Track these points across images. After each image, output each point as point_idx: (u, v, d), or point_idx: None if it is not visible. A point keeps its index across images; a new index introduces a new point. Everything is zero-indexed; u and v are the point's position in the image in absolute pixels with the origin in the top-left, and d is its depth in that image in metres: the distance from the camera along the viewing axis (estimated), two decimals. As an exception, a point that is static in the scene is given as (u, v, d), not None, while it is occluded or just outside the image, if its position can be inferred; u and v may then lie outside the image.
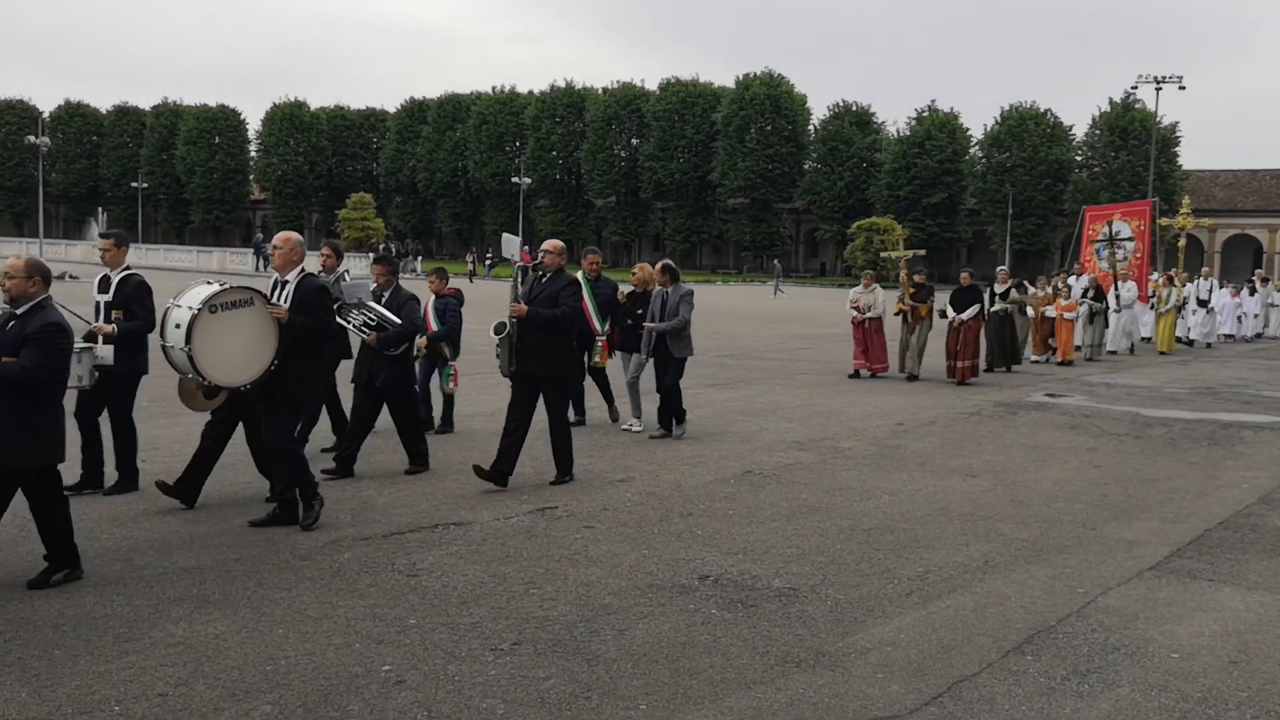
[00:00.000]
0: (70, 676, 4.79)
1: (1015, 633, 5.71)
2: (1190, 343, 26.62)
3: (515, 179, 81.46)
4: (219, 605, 5.78)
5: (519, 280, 8.99)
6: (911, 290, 17.26)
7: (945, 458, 10.66)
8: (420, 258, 70.00)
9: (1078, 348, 21.73)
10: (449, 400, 11.12)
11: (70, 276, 43.82)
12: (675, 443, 11.01)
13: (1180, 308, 26.27)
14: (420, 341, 10.31)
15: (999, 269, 20.91)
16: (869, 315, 17.15)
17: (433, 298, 10.87)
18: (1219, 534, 7.96)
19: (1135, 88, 67.20)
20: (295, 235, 7.69)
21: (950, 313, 17.11)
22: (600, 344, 11.71)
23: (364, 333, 8.97)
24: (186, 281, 8.01)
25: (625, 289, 12.09)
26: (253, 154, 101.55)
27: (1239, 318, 29.74)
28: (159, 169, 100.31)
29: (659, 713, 4.61)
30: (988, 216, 77.00)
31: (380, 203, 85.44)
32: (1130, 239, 26.16)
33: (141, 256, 67.46)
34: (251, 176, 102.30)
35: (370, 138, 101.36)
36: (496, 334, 8.85)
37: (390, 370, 9.04)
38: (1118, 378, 18.70)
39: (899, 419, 13.08)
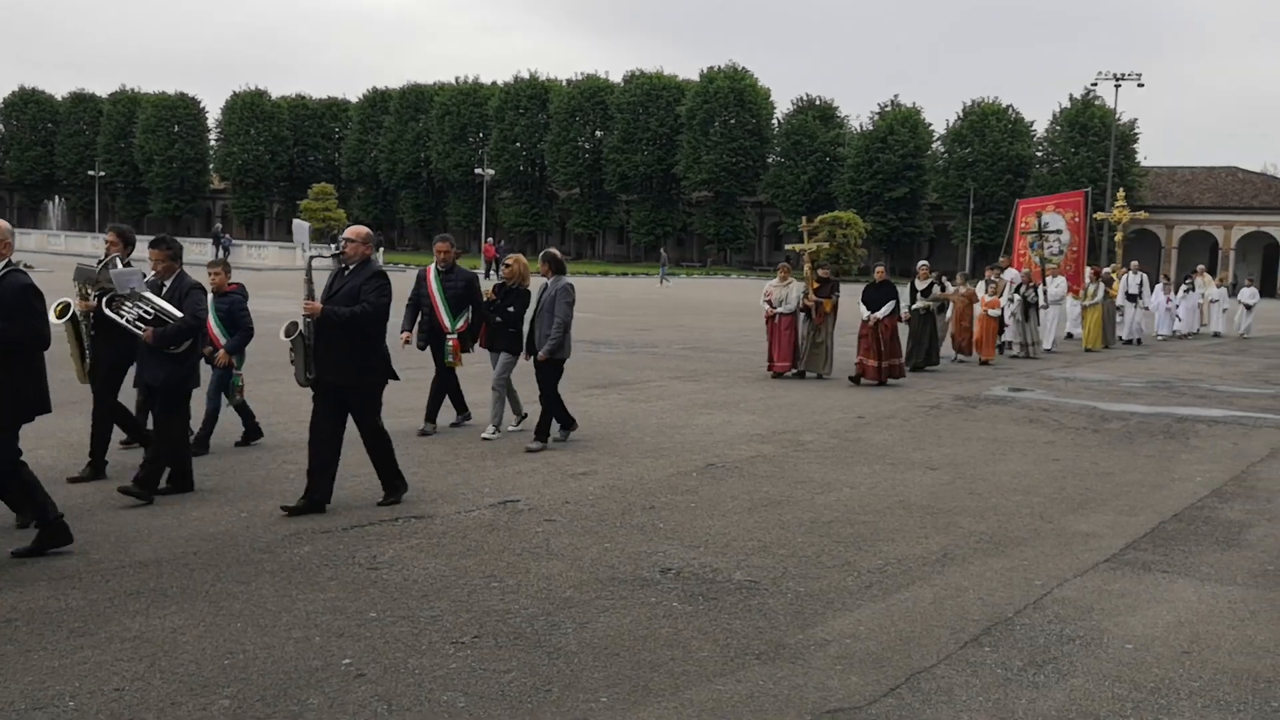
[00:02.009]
0: (23, 672, 4.73)
1: (973, 624, 5.77)
2: (1136, 341, 25.99)
3: (478, 170, 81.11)
4: (176, 599, 5.72)
5: (311, 273, 7.89)
6: (815, 285, 16.57)
7: (905, 451, 10.74)
8: (382, 249, 69.53)
9: (1008, 344, 21.35)
10: (243, 409, 9.82)
11: (25, 266, 43.22)
12: (639, 436, 11.00)
13: (1119, 307, 26.03)
14: (221, 356, 9.29)
15: (919, 264, 19.69)
16: (780, 310, 16.31)
17: (211, 295, 9.25)
18: (1173, 526, 8.08)
19: (1095, 84, 68.23)
20: (3, 224, 6.51)
21: (864, 311, 16.16)
22: (451, 342, 10.64)
23: (138, 328, 7.66)
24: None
25: (493, 283, 10.92)
26: (212, 143, 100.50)
27: (1176, 316, 29.38)
28: (116, 157, 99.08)
29: (619, 705, 4.62)
30: (949, 211, 77.59)
31: (342, 193, 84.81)
32: (1059, 231, 25.73)
33: (100, 246, 66.68)
34: (211, 166, 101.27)
35: (332, 128, 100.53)
36: (287, 336, 7.65)
37: (170, 371, 7.70)
38: (1076, 372, 18.91)
39: (860, 412, 13.16)
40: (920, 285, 18.76)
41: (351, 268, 7.69)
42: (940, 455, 10.56)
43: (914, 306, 18.33)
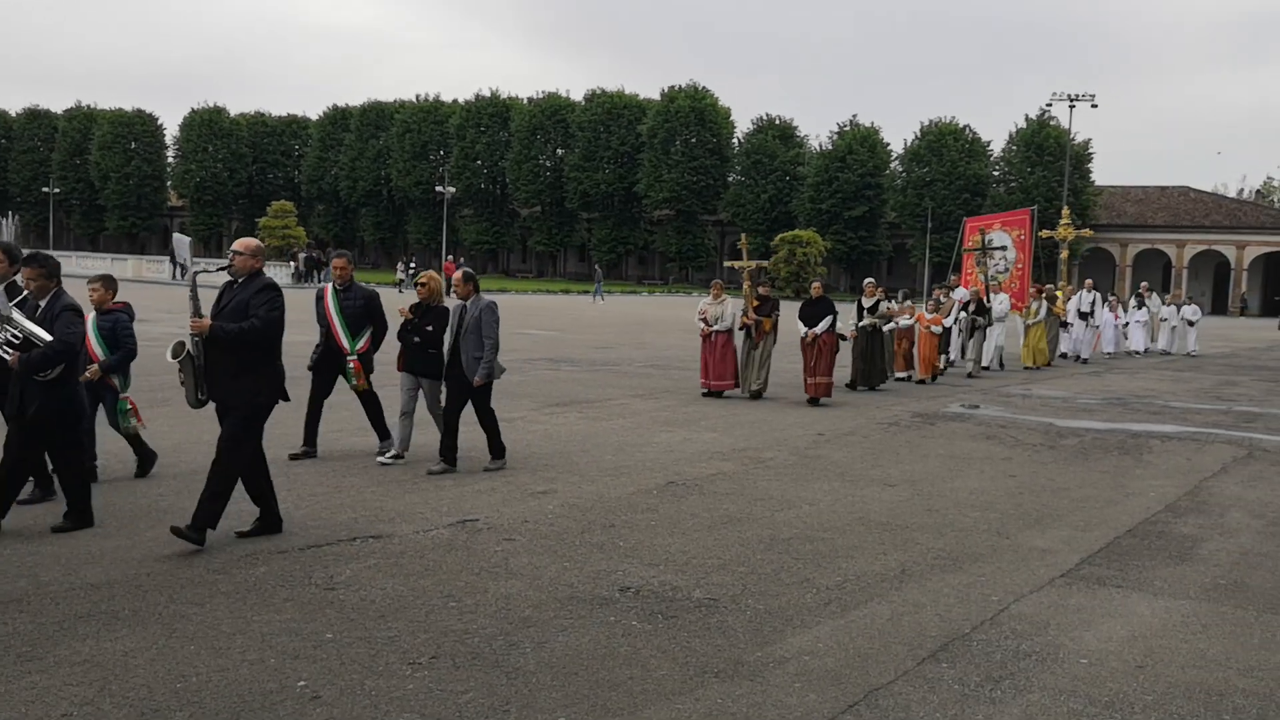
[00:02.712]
0: (-31, 697, 4.64)
1: (930, 640, 5.79)
2: (1081, 359, 25.95)
3: (439, 188, 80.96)
4: (129, 622, 5.64)
5: (196, 289, 7.39)
6: (755, 303, 16.35)
7: (864, 467, 10.80)
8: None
9: (952, 363, 21.28)
10: (136, 441, 9.14)
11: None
12: (599, 454, 10.98)
13: (1066, 324, 25.94)
14: (91, 371, 8.59)
15: (866, 281, 19.08)
16: (716, 328, 15.97)
17: (94, 313, 8.71)
18: (1127, 542, 8.16)
19: (1050, 105, 69.33)
20: None
21: (802, 328, 16.05)
22: (351, 364, 10.25)
23: (5, 352, 7.21)
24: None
25: (408, 302, 10.50)
26: (170, 160, 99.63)
27: (1124, 335, 29.55)
28: (72, 174, 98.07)
29: (578, 725, 4.60)
30: (908, 230, 78.35)
31: (302, 211, 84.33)
32: (1003, 248, 25.59)
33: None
34: (169, 183, 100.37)
35: (292, 145, 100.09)
36: (174, 357, 7.25)
37: (44, 399, 7.19)
38: (1032, 389, 19.10)
39: (819, 429, 13.22)
40: (867, 303, 18.46)
41: (240, 281, 7.35)
42: (898, 472, 10.62)
43: (861, 324, 18.07)
